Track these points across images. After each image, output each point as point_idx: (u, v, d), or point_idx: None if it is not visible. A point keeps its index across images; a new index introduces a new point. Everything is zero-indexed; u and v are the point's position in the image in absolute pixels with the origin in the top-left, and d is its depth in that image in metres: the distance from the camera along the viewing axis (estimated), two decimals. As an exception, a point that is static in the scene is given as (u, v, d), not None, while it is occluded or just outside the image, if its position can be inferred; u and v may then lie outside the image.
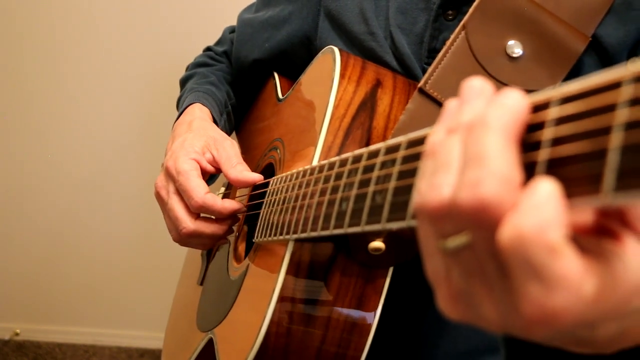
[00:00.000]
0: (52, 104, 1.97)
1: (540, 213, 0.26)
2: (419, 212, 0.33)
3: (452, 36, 0.69)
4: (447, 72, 0.68)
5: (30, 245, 2.04)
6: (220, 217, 0.79)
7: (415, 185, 0.35)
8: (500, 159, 0.28)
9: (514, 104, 0.30)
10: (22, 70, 1.96)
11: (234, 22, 1.08)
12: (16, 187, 2.02)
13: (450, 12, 0.75)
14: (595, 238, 0.29)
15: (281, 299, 0.64)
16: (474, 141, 0.30)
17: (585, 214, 0.30)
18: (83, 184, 2.01)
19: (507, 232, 0.27)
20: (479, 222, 0.29)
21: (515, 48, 0.68)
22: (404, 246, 0.64)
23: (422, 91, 0.68)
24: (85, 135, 1.98)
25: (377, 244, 0.63)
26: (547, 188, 0.27)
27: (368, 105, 0.69)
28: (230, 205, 0.78)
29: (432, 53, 0.76)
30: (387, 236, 0.63)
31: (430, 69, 0.68)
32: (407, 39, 0.77)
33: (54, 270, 2.05)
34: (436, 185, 0.31)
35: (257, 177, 0.79)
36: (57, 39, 1.93)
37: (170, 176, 0.81)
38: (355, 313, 0.65)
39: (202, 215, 0.80)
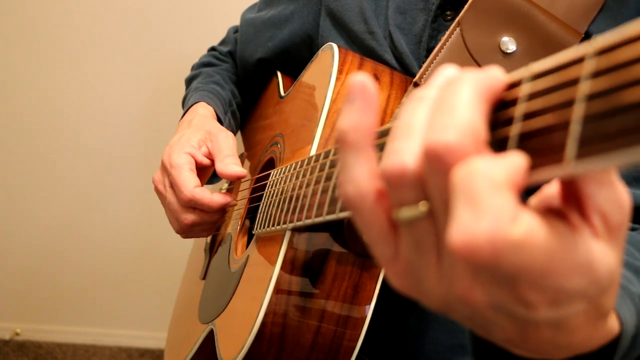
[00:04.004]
0: (52, 104, 1.98)
1: (500, 162, 0.28)
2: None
3: (447, 32, 0.70)
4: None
5: (31, 245, 2.04)
6: (210, 211, 0.81)
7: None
8: (468, 110, 0.29)
9: (491, 72, 0.31)
10: (23, 70, 1.97)
11: (237, 22, 1.09)
12: (16, 187, 2.02)
13: (448, 12, 0.76)
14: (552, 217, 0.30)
15: (278, 287, 0.65)
16: (446, 95, 0.30)
17: (550, 198, 0.32)
18: (83, 184, 2.01)
19: (462, 167, 0.28)
20: (439, 167, 0.29)
21: (510, 44, 0.69)
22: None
23: (417, 85, 0.70)
24: (85, 135, 1.99)
25: (372, 233, 0.64)
26: (515, 156, 0.28)
27: None
28: (219, 198, 0.80)
29: (430, 53, 0.77)
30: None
31: (425, 64, 0.70)
32: (406, 38, 0.79)
33: (54, 270, 2.05)
34: (397, 150, 0.31)
35: (240, 172, 0.80)
36: (59, 38, 1.94)
37: (165, 170, 0.83)
38: (350, 302, 0.66)
39: None
